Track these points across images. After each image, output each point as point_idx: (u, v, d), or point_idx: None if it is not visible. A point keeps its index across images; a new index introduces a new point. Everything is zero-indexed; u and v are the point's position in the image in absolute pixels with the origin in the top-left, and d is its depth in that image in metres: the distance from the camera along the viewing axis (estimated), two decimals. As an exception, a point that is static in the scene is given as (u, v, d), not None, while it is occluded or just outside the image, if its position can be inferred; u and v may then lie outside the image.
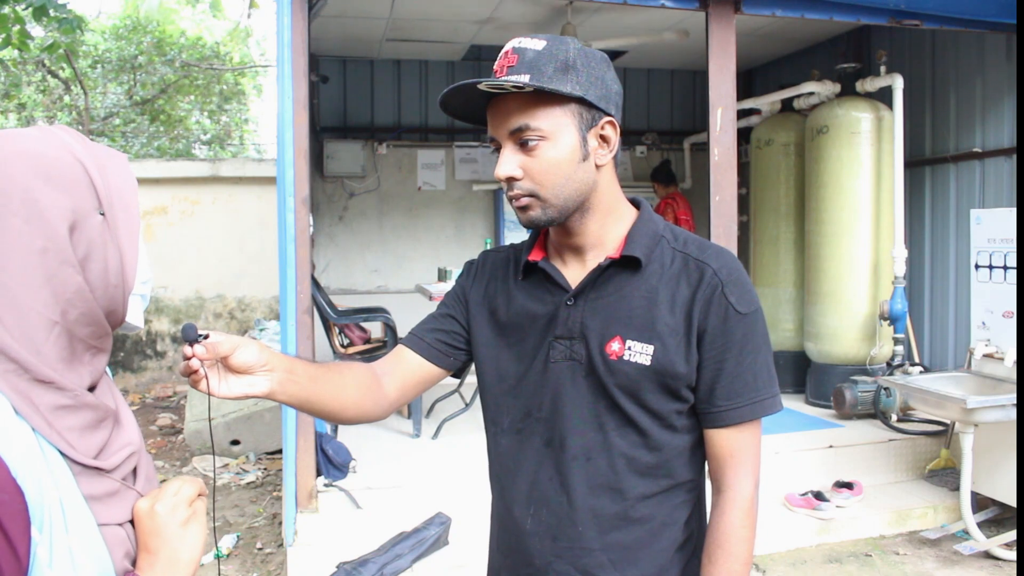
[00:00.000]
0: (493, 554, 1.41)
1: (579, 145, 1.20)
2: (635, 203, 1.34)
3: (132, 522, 0.96)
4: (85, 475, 0.91)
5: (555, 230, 1.30)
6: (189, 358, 1.08)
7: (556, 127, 1.19)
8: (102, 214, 0.93)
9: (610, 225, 1.28)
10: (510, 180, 1.21)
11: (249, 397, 1.14)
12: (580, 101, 1.19)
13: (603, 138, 1.24)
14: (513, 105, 1.19)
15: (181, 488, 0.99)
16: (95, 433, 0.93)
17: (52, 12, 5.29)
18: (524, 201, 1.22)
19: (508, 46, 1.21)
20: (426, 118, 7.41)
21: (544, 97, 1.18)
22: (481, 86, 1.17)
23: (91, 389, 0.96)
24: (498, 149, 1.23)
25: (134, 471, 0.99)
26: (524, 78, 1.16)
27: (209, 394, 1.10)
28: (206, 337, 1.08)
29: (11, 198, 0.87)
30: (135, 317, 1.01)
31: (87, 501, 0.90)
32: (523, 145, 1.19)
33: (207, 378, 1.09)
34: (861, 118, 5.18)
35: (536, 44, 1.19)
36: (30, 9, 5.34)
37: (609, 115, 1.23)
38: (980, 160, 5.19)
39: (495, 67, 1.21)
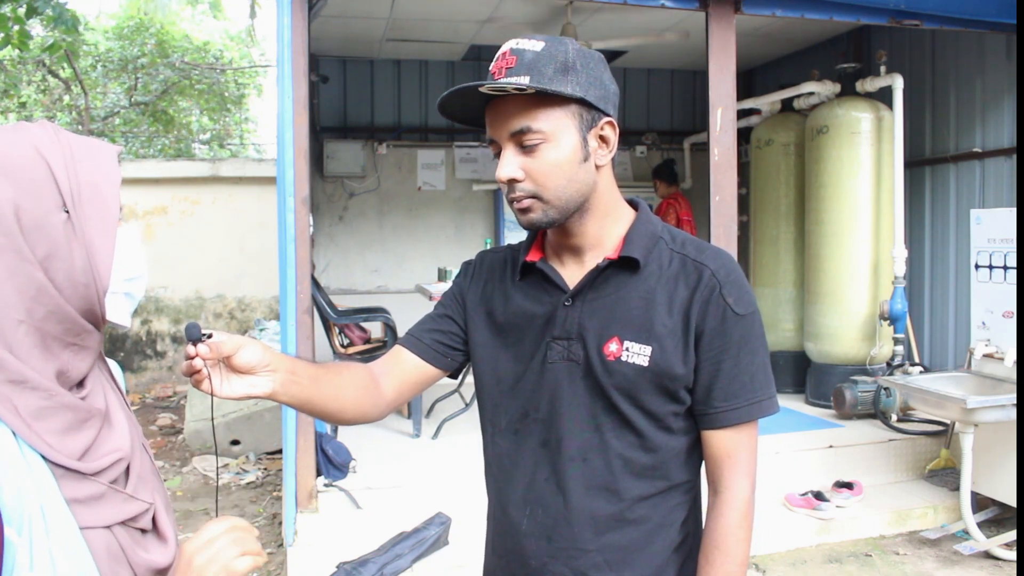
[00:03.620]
0: (489, 555, 1.40)
1: (580, 146, 1.20)
2: (633, 204, 1.33)
3: (124, 523, 0.96)
4: (67, 478, 0.90)
5: (554, 231, 1.30)
6: (192, 357, 1.07)
7: (557, 128, 1.18)
8: (67, 212, 0.92)
9: (609, 226, 1.28)
10: (511, 182, 1.21)
11: (251, 397, 1.14)
12: (580, 102, 1.19)
13: (602, 139, 1.23)
14: (513, 107, 1.18)
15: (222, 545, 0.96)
16: (78, 434, 0.92)
17: (47, 12, 5.27)
18: (525, 203, 1.21)
19: (506, 47, 1.20)
20: (426, 118, 7.40)
21: (545, 98, 1.17)
22: (483, 89, 1.16)
23: (79, 386, 0.95)
24: (498, 151, 1.22)
25: (126, 472, 0.98)
26: (524, 80, 1.15)
27: (212, 394, 1.09)
28: (209, 336, 1.07)
29: None
30: (118, 316, 1.00)
31: (69, 504, 0.89)
32: (524, 147, 1.19)
33: (209, 378, 1.09)
34: (861, 118, 5.18)
35: (535, 45, 1.18)
36: (24, 8, 5.32)
37: (608, 115, 1.23)
38: (980, 160, 5.19)
39: (492, 68, 1.20)
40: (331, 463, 3.97)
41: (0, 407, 0.86)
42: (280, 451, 4.46)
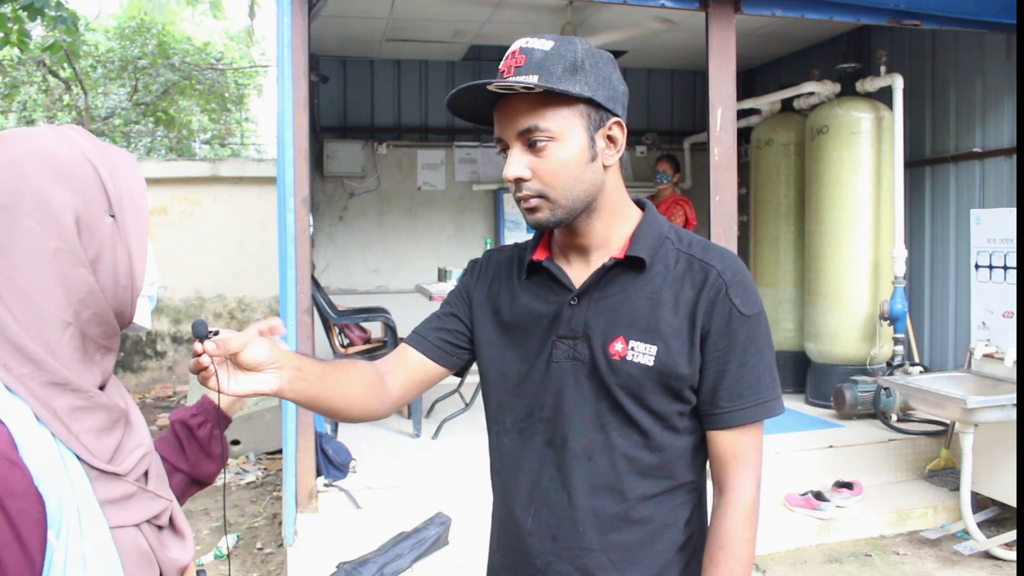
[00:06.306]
0: (493, 554, 1.41)
1: (587, 146, 1.20)
2: (640, 204, 1.34)
3: (150, 521, 0.97)
4: (101, 480, 0.91)
5: (561, 230, 1.30)
6: (199, 355, 1.07)
7: (565, 128, 1.18)
8: (112, 216, 0.94)
9: (615, 226, 1.28)
10: (519, 181, 1.21)
11: (258, 395, 1.13)
12: (588, 102, 1.19)
13: (610, 139, 1.23)
14: (522, 106, 1.19)
15: None
16: (110, 434, 0.94)
17: (47, 12, 5.27)
18: (533, 202, 1.22)
19: (515, 46, 1.21)
20: (426, 118, 7.41)
21: (553, 98, 1.18)
22: (491, 87, 1.16)
23: (101, 388, 0.97)
24: (505, 150, 1.22)
25: (145, 472, 1.00)
26: (533, 78, 1.16)
27: (219, 391, 1.09)
28: (216, 333, 1.07)
29: (24, 198, 0.88)
30: (143, 318, 1.02)
31: (102, 505, 0.90)
32: (532, 146, 1.19)
33: (216, 375, 1.08)
34: (861, 118, 5.18)
35: (544, 44, 1.19)
36: (26, 11, 5.33)
37: (616, 116, 1.23)
38: (980, 160, 5.19)
39: (502, 67, 1.21)
40: (331, 463, 3.97)
41: (41, 410, 0.87)
42: (280, 451, 4.45)
